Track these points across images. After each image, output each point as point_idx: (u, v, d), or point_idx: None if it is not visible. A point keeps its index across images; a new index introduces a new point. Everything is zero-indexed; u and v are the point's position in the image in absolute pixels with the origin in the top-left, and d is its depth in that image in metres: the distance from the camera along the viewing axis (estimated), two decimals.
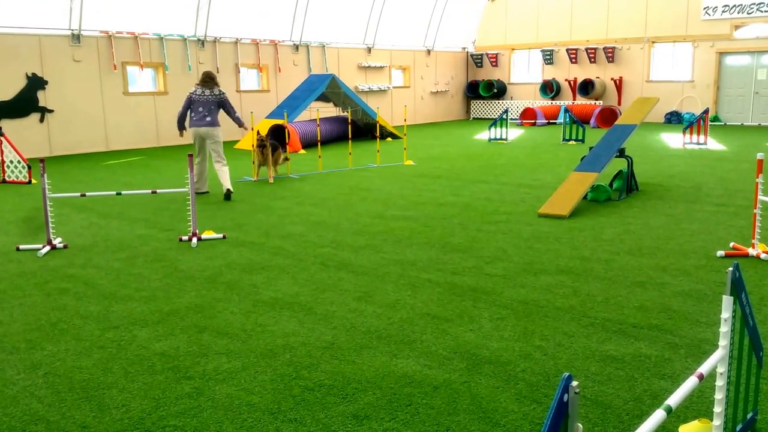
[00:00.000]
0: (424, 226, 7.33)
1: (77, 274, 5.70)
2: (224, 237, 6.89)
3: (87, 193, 7.16)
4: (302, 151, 15.51)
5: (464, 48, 27.05)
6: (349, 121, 13.26)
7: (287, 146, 12.21)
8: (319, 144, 12.55)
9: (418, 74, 24.98)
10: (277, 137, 15.59)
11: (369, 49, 22.98)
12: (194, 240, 6.65)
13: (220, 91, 9.39)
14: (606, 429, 3.03)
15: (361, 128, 18.62)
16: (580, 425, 1.77)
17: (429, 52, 25.27)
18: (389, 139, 18.26)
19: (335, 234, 7.01)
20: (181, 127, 9.45)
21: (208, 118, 9.22)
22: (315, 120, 14.51)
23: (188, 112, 9.40)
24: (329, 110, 18.97)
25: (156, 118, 17.17)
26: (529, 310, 4.59)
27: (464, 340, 4.07)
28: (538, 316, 4.47)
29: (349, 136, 13.38)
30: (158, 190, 7.43)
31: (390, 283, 5.24)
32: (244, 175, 11.43)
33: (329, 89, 17.54)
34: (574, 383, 1.73)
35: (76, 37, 15.43)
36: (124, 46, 16.32)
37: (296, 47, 20.44)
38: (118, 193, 7.17)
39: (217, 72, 18.19)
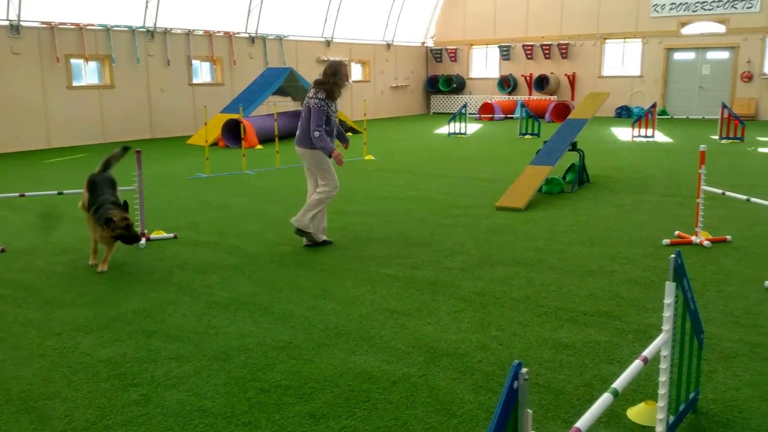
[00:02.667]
0: (384, 221, 7.39)
1: (16, 279, 5.46)
2: (175, 237, 6.72)
3: (26, 194, 6.93)
4: (259, 147, 15.35)
5: (424, 43, 27.18)
6: None
7: (243, 142, 12.08)
8: (276, 139, 12.42)
9: (377, 68, 25.00)
10: (233, 132, 15.42)
11: (328, 43, 22.89)
12: (143, 241, 6.40)
13: (314, 93, 6.24)
14: (558, 414, 3.13)
15: None
16: (529, 411, 1.84)
17: (389, 46, 25.32)
18: (349, 134, 18.22)
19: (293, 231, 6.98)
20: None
21: (298, 132, 6.38)
22: (272, 114, 14.39)
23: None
24: (287, 104, 18.79)
25: (102, 113, 16.66)
26: (486, 302, 4.69)
27: (423, 333, 4.14)
28: (495, 307, 4.57)
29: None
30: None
31: (349, 280, 5.28)
32: (197, 171, 11.29)
33: (287, 83, 17.34)
34: (524, 371, 1.80)
35: (15, 28, 14.85)
36: (67, 38, 15.78)
37: (252, 40, 20.17)
38: (60, 193, 6.90)
39: (168, 64, 17.72)
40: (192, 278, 5.39)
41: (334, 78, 6.17)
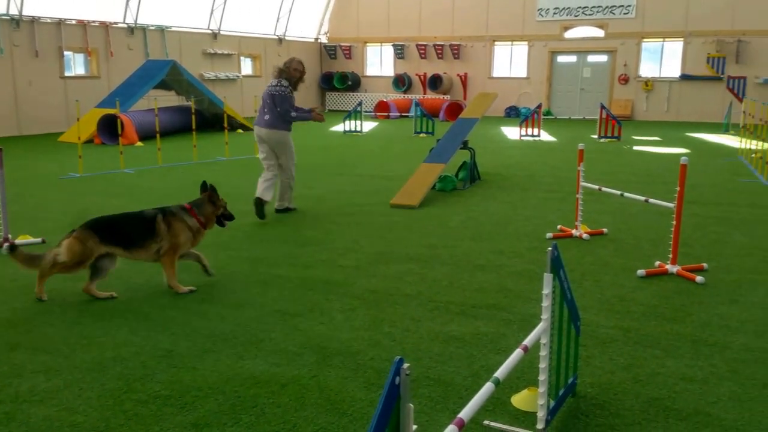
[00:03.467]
0: (276, 220, 7.26)
1: None
2: (43, 241, 6.25)
3: None
4: (139, 143, 14.65)
5: (317, 38, 27.02)
6: (193, 110, 12.72)
7: (120, 139, 11.46)
8: (158, 135, 11.89)
9: (269, 63, 24.59)
10: (110, 128, 14.58)
11: (215, 35, 22.18)
12: (5, 246, 5.83)
13: (278, 81, 7.25)
14: (447, 406, 3.18)
15: (208, 119, 17.85)
16: (411, 406, 1.84)
17: (281, 40, 24.96)
18: (240, 130, 17.79)
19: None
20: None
21: (268, 118, 7.25)
22: (153, 109, 13.75)
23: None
24: (171, 99, 18.03)
25: None
26: (379, 299, 4.70)
27: (315, 333, 4.08)
28: (388, 304, 4.59)
29: (193, 127, 12.72)
30: None
31: (238, 282, 5.12)
32: (69, 171, 10.60)
33: (170, 76, 16.63)
34: (405, 366, 1.80)
35: None
36: None
37: (131, 30, 19.18)
38: None
39: (36, 56, 16.54)
40: (62, 285, 4.98)
41: (298, 74, 7.32)
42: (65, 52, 17.41)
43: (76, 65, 18.24)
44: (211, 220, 5.11)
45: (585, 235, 6.32)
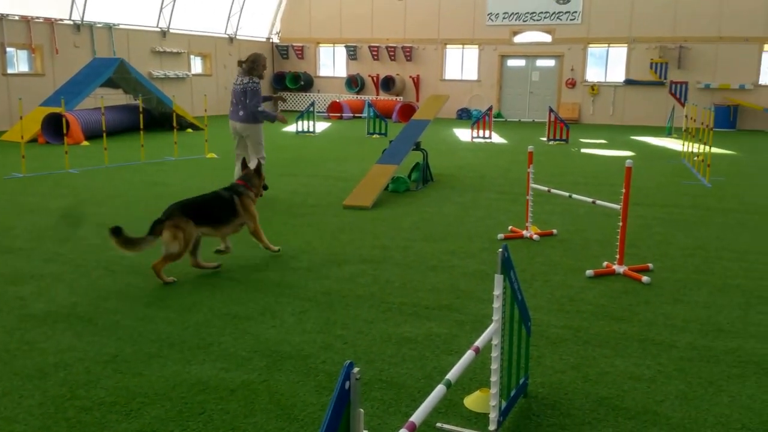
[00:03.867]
0: None
1: None
2: None
3: None
4: (85, 143, 14.23)
5: (269, 38, 26.74)
6: (141, 109, 12.41)
7: (65, 138, 11.10)
8: (104, 134, 11.56)
9: (220, 62, 24.21)
10: (55, 127, 14.10)
11: (164, 33, 21.73)
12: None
13: (250, 79, 8.00)
14: (399, 409, 3.15)
15: (156, 118, 17.48)
16: (361, 411, 1.80)
17: (232, 40, 24.61)
18: (189, 130, 17.46)
19: None
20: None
21: (241, 113, 8.05)
22: (100, 108, 13.34)
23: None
24: (119, 98, 17.58)
25: None
26: (332, 301, 4.64)
27: (265, 337, 4.00)
28: (340, 306, 4.54)
29: (141, 126, 12.42)
30: None
31: (186, 285, 4.99)
32: (12, 171, 10.20)
33: (118, 75, 16.23)
34: (355, 370, 1.76)
35: None
36: None
37: (78, 27, 18.64)
38: None
39: None
40: (2, 290, 4.81)
41: (263, 69, 8.16)
42: (8, 49, 16.76)
43: (20, 62, 17.58)
44: (260, 191, 5.87)
45: (535, 236, 6.40)
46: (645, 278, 5.10)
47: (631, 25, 22.08)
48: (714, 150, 11.80)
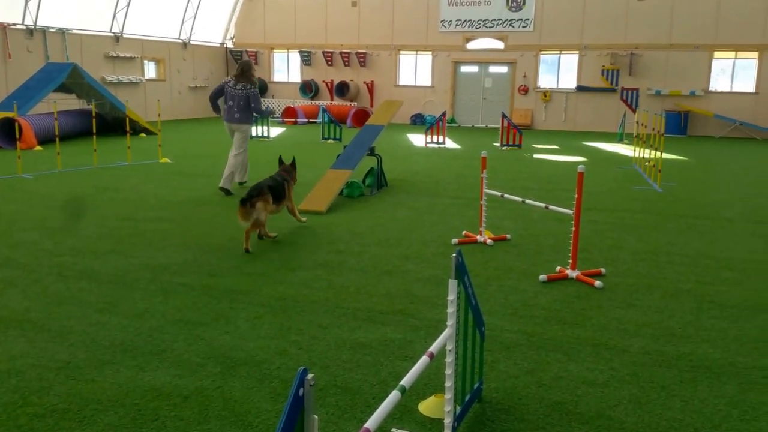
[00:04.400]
0: (179, 227, 7.01)
1: None
2: None
3: None
4: (38, 148, 13.88)
5: (223, 44, 26.46)
6: (93, 114, 12.16)
7: (18, 143, 10.80)
8: (57, 139, 11.28)
9: (174, 67, 23.83)
10: (7, 132, 13.68)
11: (117, 38, 21.34)
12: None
13: (250, 85, 9.11)
14: (354, 414, 3.16)
15: (109, 123, 17.16)
16: (315, 417, 1.81)
17: (185, 44, 24.26)
18: (143, 134, 17.15)
19: (75, 240, 6.37)
20: (215, 108, 9.48)
21: (237, 115, 9.07)
22: (53, 113, 13.04)
23: (221, 102, 9.35)
24: (72, 103, 17.19)
25: None
26: (287, 306, 4.62)
27: (219, 343, 3.96)
28: (295, 312, 4.52)
29: (94, 131, 12.23)
30: None
31: (139, 291, 4.90)
32: None
33: (71, 80, 15.93)
34: (309, 377, 1.76)
35: None
36: None
37: (30, 32, 18.22)
38: None
39: None
40: None
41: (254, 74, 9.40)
42: None
43: None
44: (295, 180, 7.15)
45: (489, 241, 6.50)
46: (597, 283, 5.20)
47: (583, 33, 22.61)
48: (665, 156, 12.13)
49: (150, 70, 23.19)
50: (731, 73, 21.96)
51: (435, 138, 16.85)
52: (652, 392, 3.46)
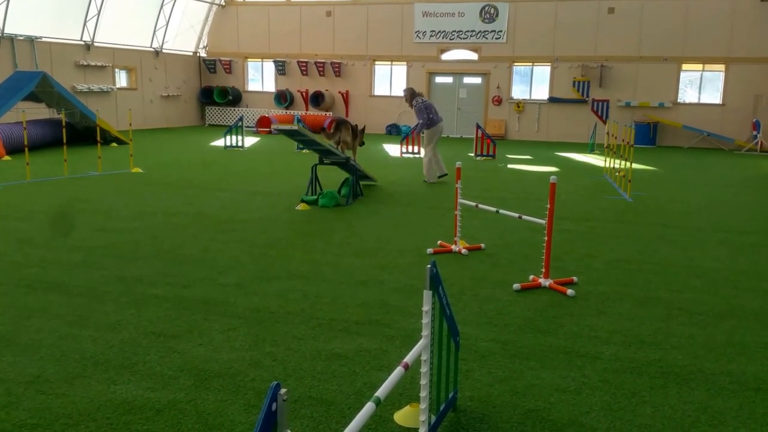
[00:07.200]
0: (151, 237, 6.93)
1: None
2: None
3: None
4: (6, 158, 13.63)
5: (196, 52, 26.30)
6: (64, 124, 11.99)
7: None
8: (26, 149, 11.11)
9: (146, 76, 23.61)
10: None
11: (88, 46, 21.08)
12: None
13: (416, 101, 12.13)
14: (330, 426, 3.15)
15: (80, 132, 16.91)
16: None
17: (158, 53, 24.07)
18: (114, 144, 16.94)
19: (45, 252, 6.26)
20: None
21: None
22: (21, 122, 12.81)
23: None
24: (41, 112, 16.93)
25: None
26: (261, 318, 4.59)
27: (192, 355, 3.92)
28: (270, 323, 4.49)
29: (64, 141, 12.08)
30: None
31: (110, 303, 4.83)
32: None
33: (40, 88, 15.67)
34: (283, 391, 1.76)
35: None
36: None
37: None
38: None
39: None
40: None
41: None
42: None
43: None
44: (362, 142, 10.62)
45: (464, 251, 6.54)
46: (570, 291, 5.27)
47: (554, 45, 22.95)
48: (635, 166, 12.34)
49: (121, 79, 22.95)
50: (699, 85, 22.46)
51: (410, 148, 16.91)
52: (623, 398, 3.51)
